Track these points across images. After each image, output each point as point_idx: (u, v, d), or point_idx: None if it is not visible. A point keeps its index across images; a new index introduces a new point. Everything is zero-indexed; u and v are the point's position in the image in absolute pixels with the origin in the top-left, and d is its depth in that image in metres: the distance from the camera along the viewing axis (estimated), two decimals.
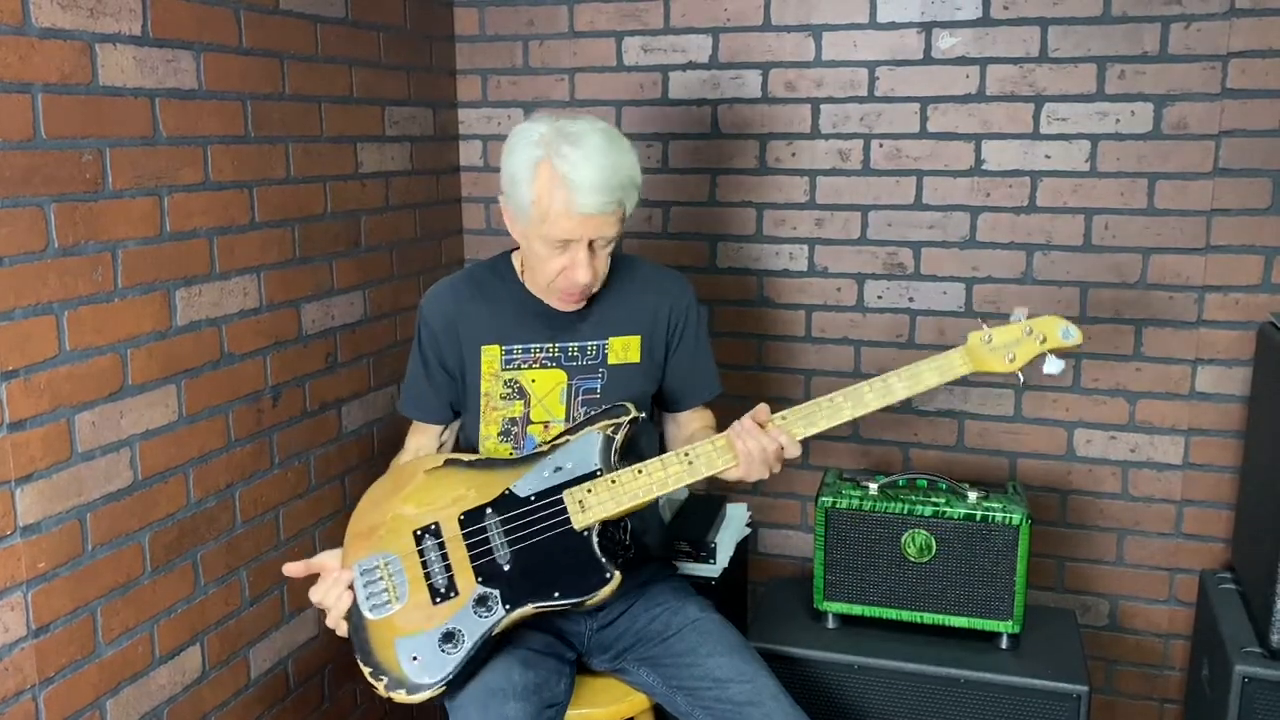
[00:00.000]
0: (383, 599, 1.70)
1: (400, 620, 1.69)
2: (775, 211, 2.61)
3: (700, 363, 1.98)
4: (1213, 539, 2.44)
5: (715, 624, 1.88)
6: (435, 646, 1.66)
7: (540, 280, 1.82)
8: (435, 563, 1.71)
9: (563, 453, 1.76)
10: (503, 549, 1.70)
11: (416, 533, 1.73)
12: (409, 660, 1.66)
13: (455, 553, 1.71)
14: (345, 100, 2.31)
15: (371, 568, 1.72)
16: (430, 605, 1.69)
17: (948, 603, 2.12)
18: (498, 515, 1.72)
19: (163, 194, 1.82)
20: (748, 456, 1.70)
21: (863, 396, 1.72)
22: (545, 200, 1.71)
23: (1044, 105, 2.38)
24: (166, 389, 1.85)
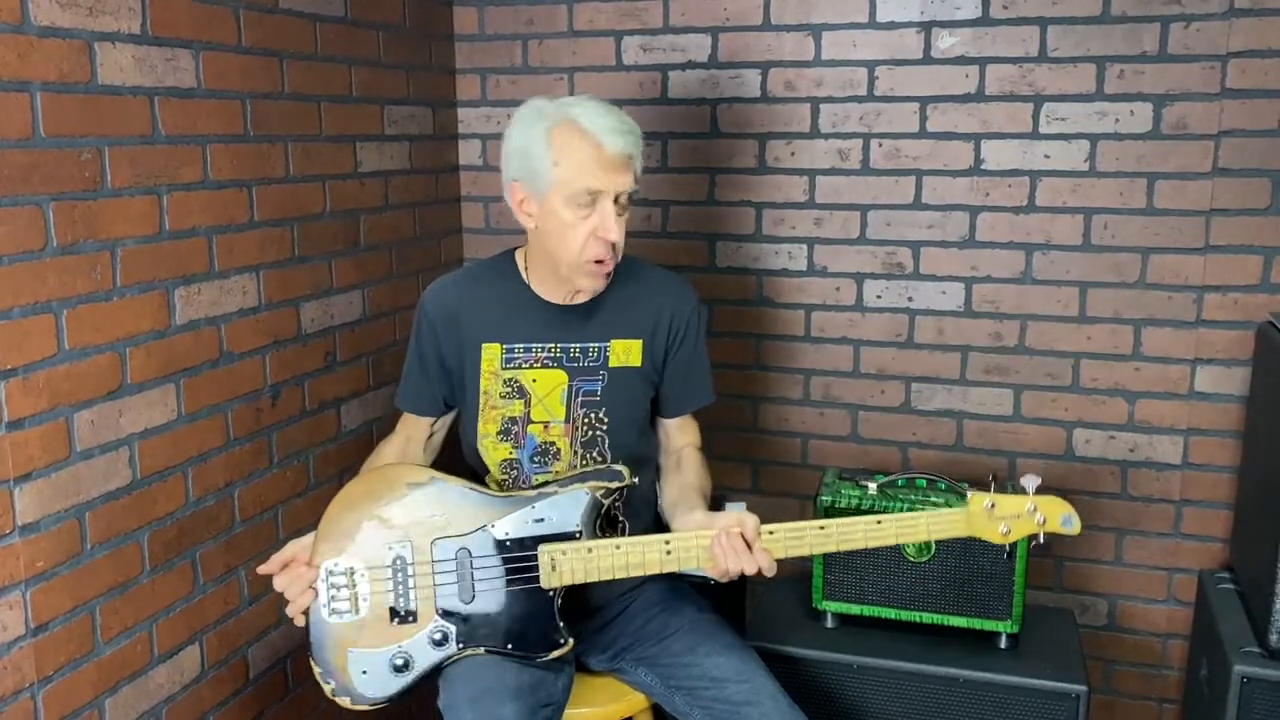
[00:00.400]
0: (343, 606, 1.71)
1: (356, 632, 1.71)
2: (774, 211, 2.61)
3: (696, 370, 1.97)
4: (1211, 539, 2.44)
5: (713, 623, 1.88)
6: (386, 667, 1.70)
7: (569, 255, 1.77)
8: (400, 584, 1.72)
9: (549, 504, 1.74)
10: (467, 589, 1.72)
11: (388, 548, 1.73)
12: (359, 673, 1.70)
13: (421, 580, 1.72)
14: (344, 99, 2.31)
15: (338, 573, 1.72)
16: (388, 624, 1.71)
17: (947, 602, 2.12)
18: (470, 554, 1.72)
19: (162, 193, 1.82)
20: (724, 573, 1.72)
21: (853, 533, 1.71)
22: (569, 156, 1.72)
23: (1043, 105, 2.38)
24: (165, 388, 1.85)
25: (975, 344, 2.52)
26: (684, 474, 1.92)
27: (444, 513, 1.74)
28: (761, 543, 1.70)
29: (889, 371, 2.59)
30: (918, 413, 2.59)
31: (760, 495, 2.74)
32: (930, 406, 2.58)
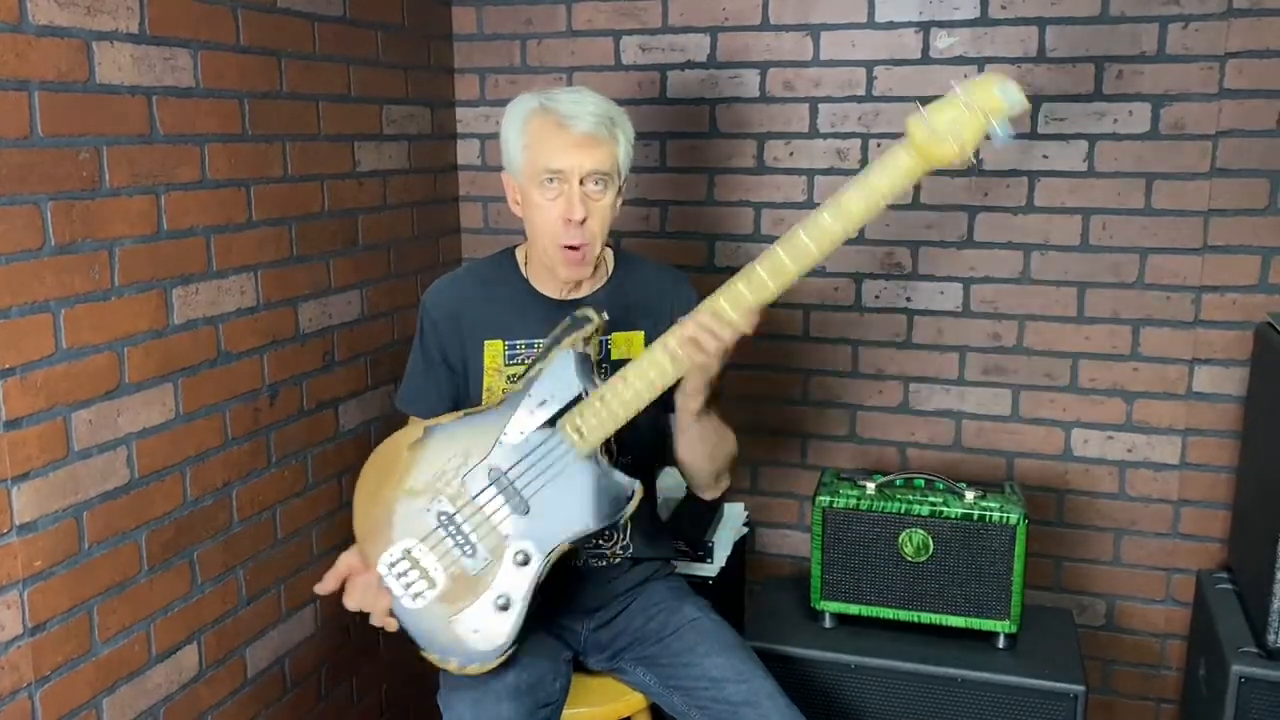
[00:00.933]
0: (421, 587, 1.67)
1: (446, 602, 1.67)
2: (773, 211, 2.61)
3: None
4: (1210, 539, 2.44)
5: (712, 623, 1.88)
6: (490, 614, 1.65)
7: (545, 240, 1.78)
8: (458, 535, 1.67)
9: (540, 384, 1.68)
10: (519, 502, 1.66)
11: (427, 510, 1.69)
12: (472, 633, 1.66)
13: (474, 519, 1.67)
14: (343, 99, 2.31)
15: (397, 560, 1.69)
16: (468, 577, 1.67)
17: (945, 602, 2.12)
18: (501, 469, 1.67)
19: (160, 192, 1.82)
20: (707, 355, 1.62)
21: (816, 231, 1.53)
22: (536, 138, 1.75)
23: (1041, 105, 2.38)
24: (163, 387, 1.85)
25: (973, 344, 2.52)
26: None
27: (456, 449, 1.70)
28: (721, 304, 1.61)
29: (887, 371, 2.59)
30: (916, 413, 2.59)
31: (760, 495, 2.74)
32: (928, 406, 2.58)
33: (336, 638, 2.38)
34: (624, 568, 1.93)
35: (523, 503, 1.66)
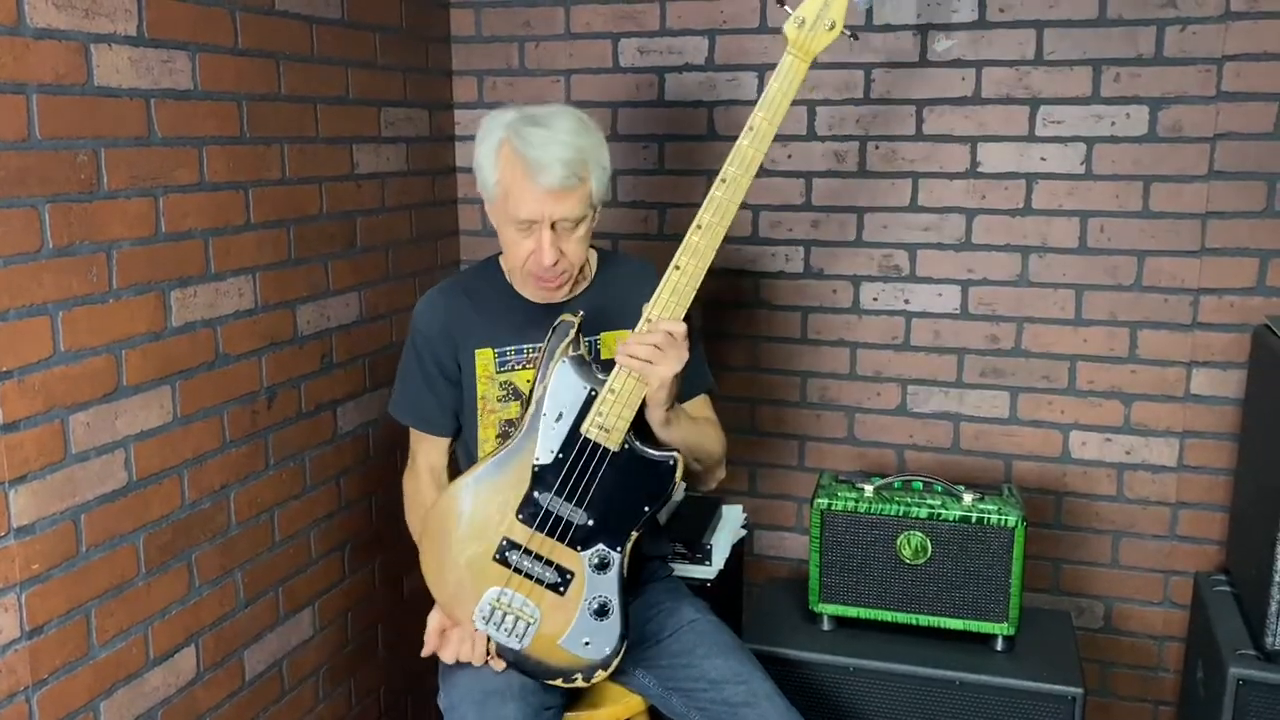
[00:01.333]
0: (521, 628, 1.73)
1: (549, 630, 1.72)
2: (771, 213, 2.61)
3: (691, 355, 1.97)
4: (1208, 541, 2.45)
5: (711, 625, 1.88)
6: (593, 623, 1.71)
7: (515, 267, 1.83)
8: (535, 566, 1.72)
9: (550, 400, 1.71)
10: (575, 512, 1.70)
11: (497, 558, 1.73)
12: (584, 648, 1.72)
13: (543, 546, 1.71)
14: (341, 101, 2.31)
15: (491, 611, 1.74)
16: (561, 599, 1.72)
17: (943, 605, 2.12)
18: (547, 491, 1.70)
19: (158, 194, 1.82)
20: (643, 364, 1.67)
21: (741, 155, 1.65)
22: (506, 179, 1.74)
23: (1039, 108, 2.39)
24: (161, 390, 1.85)
25: (971, 346, 2.52)
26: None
27: (498, 492, 1.73)
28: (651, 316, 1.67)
29: (885, 374, 2.60)
30: (914, 415, 2.59)
31: (758, 498, 2.75)
32: (926, 409, 2.58)
33: (335, 640, 2.38)
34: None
35: (580, 513, 1.70)
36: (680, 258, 1.65)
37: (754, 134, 1.64)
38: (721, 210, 1.65)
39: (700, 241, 1.65)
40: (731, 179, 1.64)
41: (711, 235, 1.65)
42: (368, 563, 2.47)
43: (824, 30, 1.64)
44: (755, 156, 1.65)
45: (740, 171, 1.65)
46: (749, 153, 1.64)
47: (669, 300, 1.66)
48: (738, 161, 1.64)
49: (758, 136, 1.64)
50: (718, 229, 1.65)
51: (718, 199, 1.65)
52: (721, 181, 1.65)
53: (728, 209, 1.65)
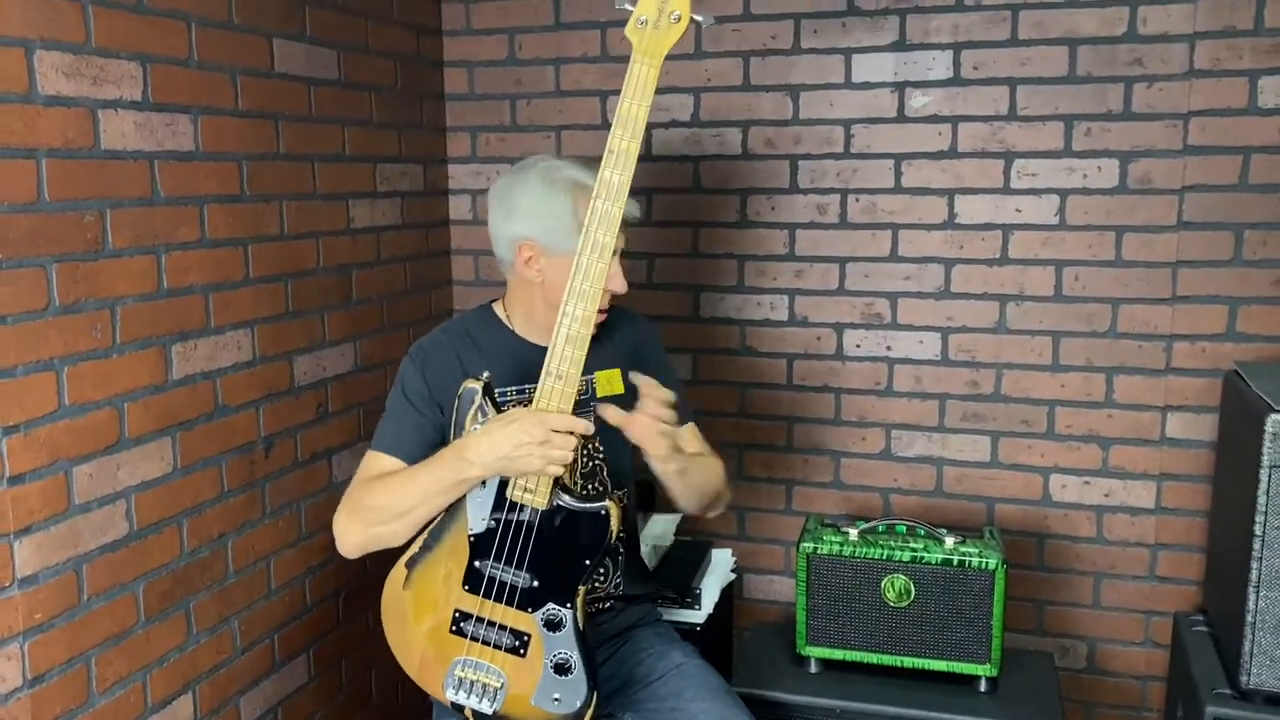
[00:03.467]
0: (491, 692, 1.75)
1: (518, 691, 1.74)
2: (756, 263, 2.68)
3: (671, 386, 2.04)
4: (1186, 581, 2.50)
5: (698, 669, 1.92)
6: (558, 680, 1.72)
7: None
8: (490, 633, 1.74)
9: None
10: (517, 575, 1.71)
11: (453, 630, 1.75)
12: (555, 704, 1.73)
13: (494, 612, 1.73)
14: (338, 158, 2.38)
15: (459, 681, 1.76)
16: (523, 660, 1.73)
17: (927, 647, 2.16)
18: (486, 558, 1.73)
19: (160, 252, 1.88)
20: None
21: (608, 184, 1.60)
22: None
23: (1014, 161, 2.47)
24: (162, 441, 1.90)
25: (953, 392, 2.58)
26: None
27: (440, 566, 1.76)
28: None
29: (869, 419, 2.65)
30: (898, 459, 2.65)
31: (747, 541, 2.79)
32: (910, 453, 2.64)
33: (330, 688, 2.41)
34: (613, 612, 1.98)
35: (523, 575, 1.71)
36: (566, 305, 1.63)
37: (616, 157, 1.59)
38: (598, 246, 1.61)
39: (580, 279, 1.62)
40: (603, 211, 1.60)
41: (590, 273, 1.62)
42: (362, 610, 2.50)
43: (670, 25, 1.57)
44: (624, 181, 1.60)
45: (611, 202, 1.60)
46: (616, 179, 1.60)
47: (563, 350, 1.64)
48: (606, 193, 1.60)
49: (622, 159, 1.59)
50: (597, 263, 1.61)
51: (593, 234, 1.61)
52: (592, 213, 1.61)
53: (605, 245, 1.61)
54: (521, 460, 1.62)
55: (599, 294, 1.62)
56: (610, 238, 1.61)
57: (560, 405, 1.64)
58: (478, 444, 1.65)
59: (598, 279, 1.62)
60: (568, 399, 1.64)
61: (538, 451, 1.61)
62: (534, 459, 1.62)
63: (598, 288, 1.62)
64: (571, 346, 1.63)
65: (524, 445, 1.61)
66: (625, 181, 1.60)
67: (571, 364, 1.63)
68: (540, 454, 1.61)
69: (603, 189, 1.61)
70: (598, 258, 1.61)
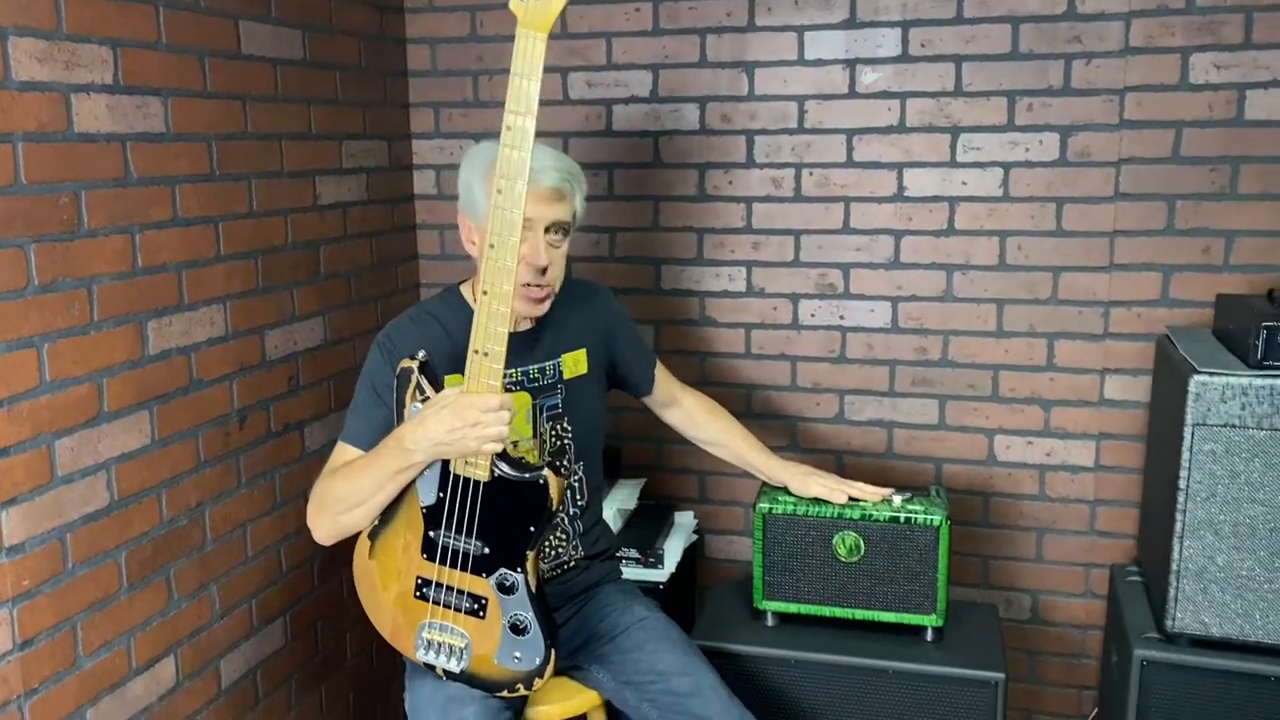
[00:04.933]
0: (458, 652, 1.83)
1: (481, 650, 1.82)
2: (714, 236, 2.77)
3: (641, 345, 2.24)
4: (1123, 536, 2.64)
5: (660, 622, 2.03)
6: (516, 641, 1.80)
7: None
8: (450, 597, 1.82)
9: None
10: (469, 543, 1.78)
11: (417, 595, 1.83)
12: (516, 662, 1.81)
13: (452, 578, 1.81)
14: (304, 136, 2.44)
15: (426, 642, 1.85)
16: (483, 621, 1.81)
17: (876, 599, 2.28)
18: (439, 528, 1.80)
19: (134, 232, 1.94)
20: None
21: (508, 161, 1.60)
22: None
23: (960, 135, 2.57)
24: (140, 415, 1.97)
25: (902, 358, 2.69)
26: (719, 418, 2.34)
27: (399, 537, 1.83)
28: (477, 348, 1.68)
29: (824, 385, 2.76)
30: (851, 423, 2.76)
31: (708, 504, 2.90)
32: (862, 417, 2.75)
33: (306, 649, 2.50)
34: (578, 570, 2.08)
35: (474, 543, 1.78)
36: (484, 283, 1.65)
37: (513, 134, 1.59)
38: (507, 222, 1.62)
39: (494, 256, 1.63)
40: (506, 189, 1.61)
41: (502, 249, 1.63)
42: (335, 575, 2.59)
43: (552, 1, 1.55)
44: (523, 158, 1.59)
45: (512, 179, 1.60)
46: (514, 156, 1.59)
47: (486, 327, 1.67)
48: (506, 169, 1.60)
49: (519, 135, 1.59)
50: (508, 239, 1.62)
51: (501, 212, 1.61)
52: (498, 193, 1.61)
53: (511, 220, 1.61)
54: (458, 443, 1.68)
55: (512, 270, 1.63)
56: (517, 214, 1.61)
57: (489, 382, 1.68)
58: (413, 433, 1.71)
59: (510, 255, 1.62)
60: (496, 375, 1.67)
61: (471, 434, 1.66)
62: (469, 441, 1.67)
63: (510, 264, 1.62)
64: (494, 323, 1.65)
65: (456, 430, 1.66)
66: (524, 158, 1.59)
67: (495, 340, 1.66)
68: (475, 435, 1.66)
69: (504, 166, 1.60)
70: (508, 234, 1.62)
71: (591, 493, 2.11)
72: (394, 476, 1.76)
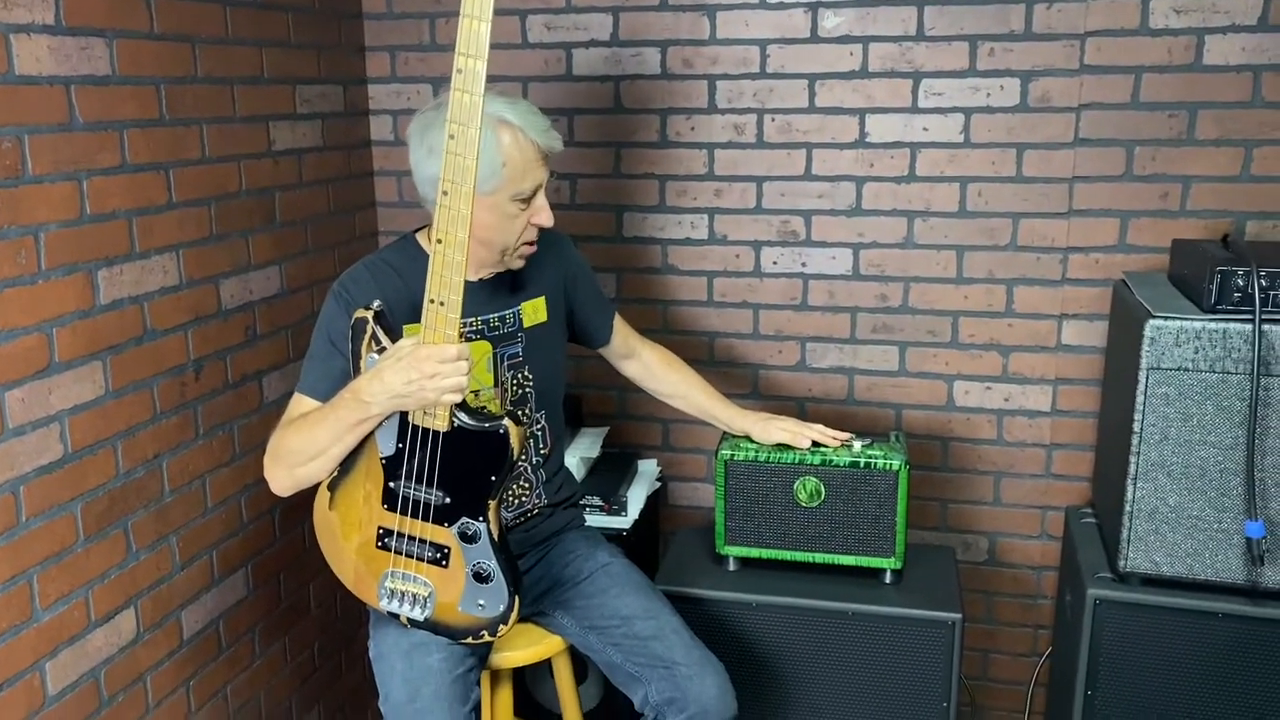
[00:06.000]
0: (419, 600, 1.83)
1: (445, 598, 1.82)
2: (676, 183, 2.75)
3: (599, 293, 2.23)
4: (1077, 478, 2.68)
5: (623, 567, 2.04)
6: (479, 589, 1.80)
7: (509, 242, 1.90)
8: (412, 546, 1.81)
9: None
10: (429, 493, 1.77)
11: (379, 545, 1.83)
12: (480, 609, 1.81)
13: (413, 528, 1.80)
14: (257, 80, 2.38)
15: (389, 591, 1.84)
16: (446, 570, 1.80)
17: (836, 543, 2.31)
18: (399, 479, 1.79)
19: (81, 178, 1.89)
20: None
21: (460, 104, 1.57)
22: (517, 156, 1.84)
23: (921, 81, 2.56)
24: (93, 365, 1.93)
25: (863, 305, 2.70)
26: (678, 369, 2.36)
27: (359, 487, 1.83)
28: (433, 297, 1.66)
29: (785, 332, 2.77)
30: (812, 370, 2.77)
31: (671, 451, 2.91)
32: (823, 364, 2.76)
33: (269, 600, 2.49)
34: (541, 518, 2.08)
35: (434, 493, 1.78)
36: (437, 230, 1.63)
37: (464, 76, 1.56)
38: (461, 168, 1.59)
39: (448, 203, 1.61)
40: (459, 135, 1.58)
41: (456, 195, 1.60)
42: (298, 525, 2.58)
43: None
44: (475, 102, 1.56)
45: (465, 124, 1.57)
46: (467, 99, 1.56)
47: (442, 275, 1.64)
48: (459, 114, 1.57)
49: (470, 78, 1.56)
50: (461, 187, 1.60)
51: (452, 156, 1.59)
52: (450, 138, 1.58)
53: (465, 166, 1.59)
54: (416, 395, 1.66)
55: (467, 218, 1.60)
56: (471, 161, 1.58)
57: (446, 332, 1.65)
58: (370, 385, 1.68)
59: (464, 202, 1.60)
60: (453, 324, 1.65)
61: (430, 385, 1.64)
62: (427, 393, 1.65)
63: (465, 211, 1.60)
64: (450, 271, 1.63)
65: (414, 382, 1.64)
66: (476, 102, 1.56)
67: (452, 289, 1.64)
68: (433, 386, 1.64)
69: (456, 110, 1.57)
70: (462, 180, 1.59)
71: (554, 441, 2.11)
72: (351, 429, 1.75)
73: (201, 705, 2.26)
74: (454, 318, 1.65)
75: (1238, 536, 2.08)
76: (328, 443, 1.77)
